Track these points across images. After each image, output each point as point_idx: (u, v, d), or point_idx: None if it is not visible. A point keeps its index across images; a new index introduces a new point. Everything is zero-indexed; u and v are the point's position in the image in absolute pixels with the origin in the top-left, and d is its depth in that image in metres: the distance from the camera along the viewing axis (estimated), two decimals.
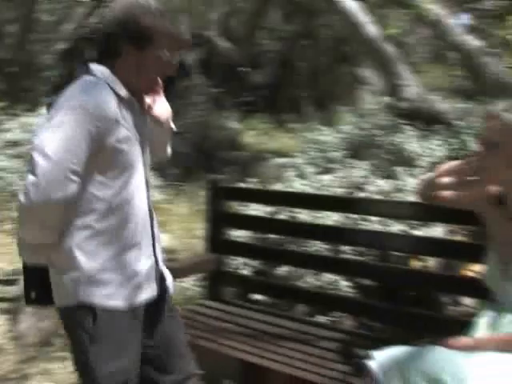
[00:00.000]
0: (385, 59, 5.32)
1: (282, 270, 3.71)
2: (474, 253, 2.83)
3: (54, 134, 1.84)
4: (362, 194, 4.03)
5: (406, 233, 3.52)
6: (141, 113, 2.11)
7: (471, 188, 2.07)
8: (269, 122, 11.46)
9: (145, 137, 2.12)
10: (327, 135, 5.78)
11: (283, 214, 4.04)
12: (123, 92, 2.00)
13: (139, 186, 2.08)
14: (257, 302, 3.62)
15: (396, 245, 3.10)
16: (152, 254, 2.15)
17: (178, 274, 3.00)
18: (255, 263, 3.84)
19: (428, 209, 2.97)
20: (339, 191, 4.21)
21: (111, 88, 1.98)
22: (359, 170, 4.45)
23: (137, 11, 1.98)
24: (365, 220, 3.63)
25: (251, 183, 5.06)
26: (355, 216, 3.67)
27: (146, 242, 2.11)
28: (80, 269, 1.98)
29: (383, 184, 3.94)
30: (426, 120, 4.78)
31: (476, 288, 2.65)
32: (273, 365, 2.64)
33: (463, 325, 2.29)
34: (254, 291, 3.61)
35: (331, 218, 3.78)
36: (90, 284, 1.99)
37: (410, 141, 4.38)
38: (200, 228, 3.74)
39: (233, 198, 3.65)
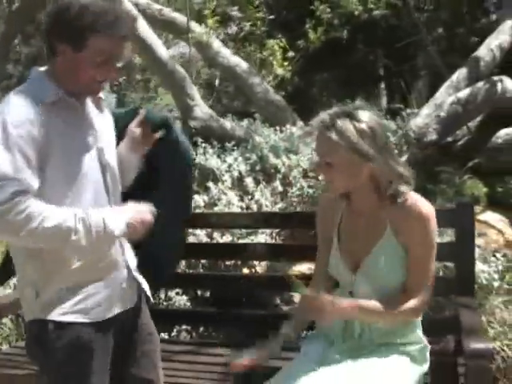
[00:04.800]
0: (177, 81, 5.53)
1: None
2: (296, 253, 3.22)
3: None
4: None
5: (233, 242, 3.77)
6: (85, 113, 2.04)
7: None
8: None
9: (99, 138, 2.06)
10: None
11: None
12: (52, 97, 1.93)
13: (97, 196, 2.02)
14: None
15: (225, 254, 3.35)
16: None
17: None
18: None
19: (250, 217, 3.29)
20: None
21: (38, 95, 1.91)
22: None
23: (73, 8, 1.88)
24: (192, 234, 3.80)
25: None
26: None
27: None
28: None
29: (198, 199, 4.14)
30: (218, 138, 5.09)
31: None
32: None
33: None
34: None
35: None
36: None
37: (210, 158, 4.64)
38: None
39: None
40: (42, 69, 2.02)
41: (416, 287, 2.19)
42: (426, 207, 2.19)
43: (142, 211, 2.00)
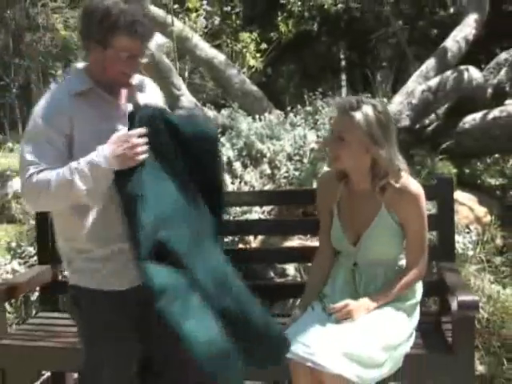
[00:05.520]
0: (163, 71, 5.73)
1: None
2: (288, 228, 3.48)
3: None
4: None
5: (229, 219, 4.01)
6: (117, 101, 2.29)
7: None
8: None
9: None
10: None
11: None
12: (80, 88, 2.22)
13: None
14: None
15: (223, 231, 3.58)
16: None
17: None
18: None
19: (248, 195, 3.55)
20: None
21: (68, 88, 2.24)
22: None
23: (98, 11, 2.14)
24: None
25: None
26: None
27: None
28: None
29: None
30: None
31: (297, 256, 3.32)
32: None
33: (290, 289, 3.10)
34: None
35: None
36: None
37: None
38: None
39: None
40: (80, 65, 2.33)
41: (417, 255, 2.53)
42: (416, 187, 2.49)
43: (124, 137, 2.14)
